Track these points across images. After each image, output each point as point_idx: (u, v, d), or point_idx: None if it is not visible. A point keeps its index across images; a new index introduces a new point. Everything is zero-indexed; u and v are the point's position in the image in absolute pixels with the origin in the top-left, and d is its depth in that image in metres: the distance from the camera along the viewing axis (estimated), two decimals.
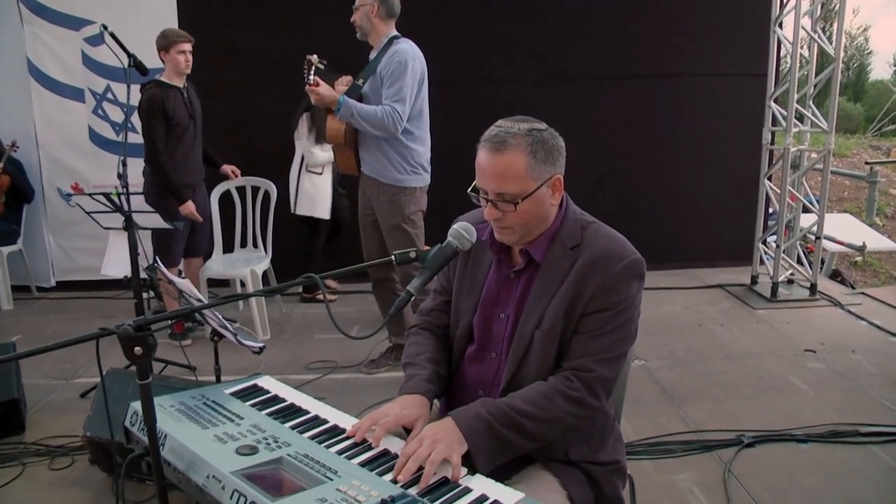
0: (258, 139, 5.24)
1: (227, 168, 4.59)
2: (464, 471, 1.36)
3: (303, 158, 4.80)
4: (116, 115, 5.27)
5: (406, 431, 1.53)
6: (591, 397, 1.52)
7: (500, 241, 1.62)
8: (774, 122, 5.12)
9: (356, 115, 3.32)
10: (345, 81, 3.54)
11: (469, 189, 1.59)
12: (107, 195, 3.16)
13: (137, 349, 1.24)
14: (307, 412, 1.62)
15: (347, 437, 1.48)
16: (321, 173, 4.81)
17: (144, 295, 3.67)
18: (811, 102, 5.04)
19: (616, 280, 1.52)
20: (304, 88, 3.37)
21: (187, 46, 4.02)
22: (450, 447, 1.38)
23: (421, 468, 1.34)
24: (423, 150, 3.55)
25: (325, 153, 4.70)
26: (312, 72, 3.31)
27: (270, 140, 5.20)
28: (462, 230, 1.58)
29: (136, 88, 3.97)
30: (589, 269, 1.53)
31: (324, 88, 3.31)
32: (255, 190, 4.71)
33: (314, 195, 4.80)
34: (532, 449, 1.54)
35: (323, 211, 4.82)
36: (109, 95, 5.26)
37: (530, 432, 1.49)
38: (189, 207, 4.06)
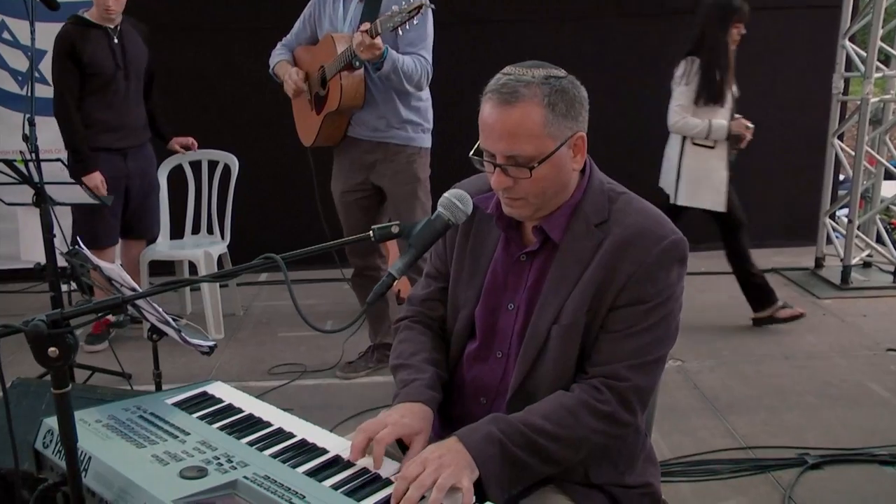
0: (217, 99, 5.20)
1: (177, 143, 4.54)
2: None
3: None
4: (18, 61, 5.18)
5: (401, 448, 1.53)
6: (624, 412, 1.52)
7: (510, 215, 1.61)
8: (849, 66, 5.10)
9: (399, 69, 3.30)
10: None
11: (471, 152, 1.58)
12: (9, 163, 3.13)
13: (52, 350, 1.22)
14: (269, 425, 1.61)
15: (319, 455, 1.48)
16: (713, 147, 4.28)
17: (64, 287, 3.65)
18: None
19: (653, 266, 1.52)
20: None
21: None
22: (458, 472, 1.37)
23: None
24: (430, 102, 3.62)
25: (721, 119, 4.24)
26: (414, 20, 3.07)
27: (233, 101, 5.16)
28: (455, 199, 1.56)
29: (48, 27, 3.91)
30: (619, 253, 1.53)
31: (380, 39, 3.20)
32: (213, 165, 4.71)
33: (699, 178, 4.27)
34: (552, 473, 1.55)
35: (713, 200, 4.25)
36: (6, 36, 5.17)
37: (551, 455, 1.50)
38: (94, 180, 3.99)
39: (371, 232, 1.53)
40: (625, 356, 1.53)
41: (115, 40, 4.06)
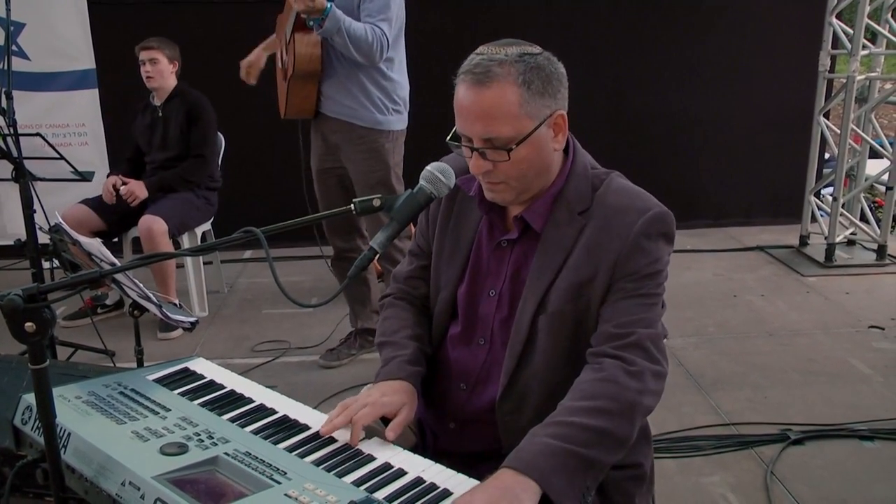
0: (202, 74, 5.11)
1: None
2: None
3: None
4: None
5: (384, 423, 1.52)
6: (651, 363, 1.46)
7: (492, 200, 1.58)
8: (836, 43, 5.09)
9: (343, 30, 3.10)
10: None
11: (448, 137, 1.54)
12: None
13: (29, 325, 1.21)
14: (251, 401, 1.60)
15: (301, 431, 1.47)
16: None
17: (46, 264, 3.61)
18: (889, 16, 4.98)
19: (639, 237, 1.49)
20: None
21: (143, 55, 4.30)
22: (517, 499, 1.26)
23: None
24: (404, 81, 3.47)
25: None
26: None
27: (218, 76, 5.05)
28: (437, 172, 1.53)
29: None
30: (602, 233, 1.50)
31: None
32: None
33: None
34: (617, 460, 1.43)
35: None
36: None
37: (611, 433, 1.39)
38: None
39: (352, 205, 1.50)
40: (617, 317, 1.48)
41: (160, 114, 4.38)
